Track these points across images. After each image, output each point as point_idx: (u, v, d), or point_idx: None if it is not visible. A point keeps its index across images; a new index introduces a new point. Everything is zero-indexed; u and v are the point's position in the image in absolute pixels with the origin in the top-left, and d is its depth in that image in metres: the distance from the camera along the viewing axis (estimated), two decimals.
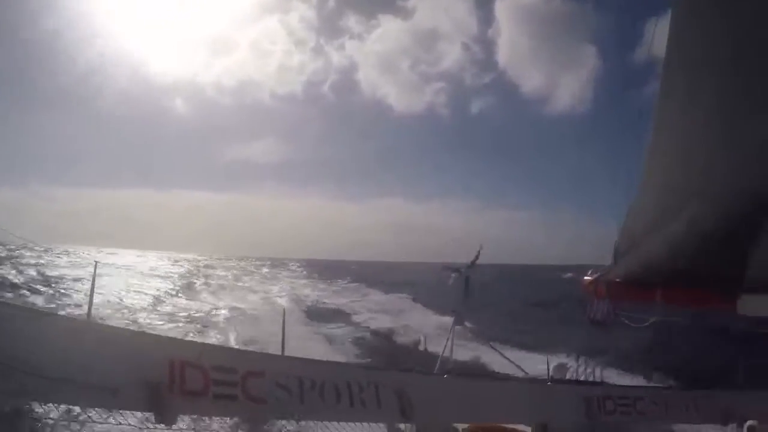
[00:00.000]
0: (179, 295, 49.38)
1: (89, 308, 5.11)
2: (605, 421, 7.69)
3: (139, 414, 4.95)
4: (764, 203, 5.16)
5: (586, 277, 7.41)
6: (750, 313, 6.24)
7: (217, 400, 5.12)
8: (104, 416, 5.27)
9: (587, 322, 7.80)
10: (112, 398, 4.58)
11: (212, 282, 66.06)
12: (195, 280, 68.18)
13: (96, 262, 6.25)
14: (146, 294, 45.63)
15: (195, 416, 5.55)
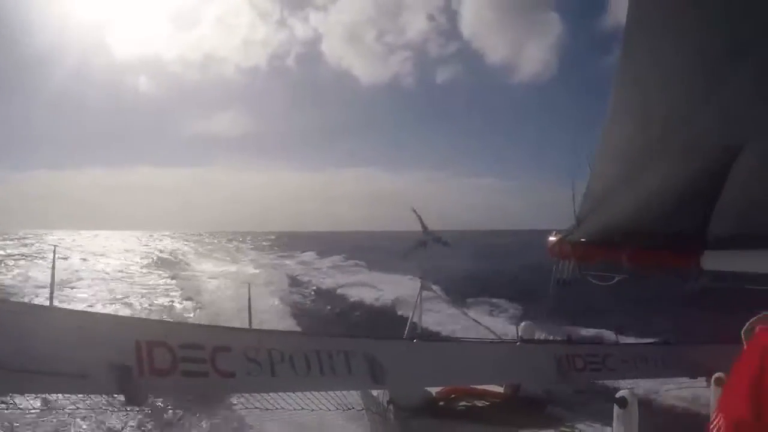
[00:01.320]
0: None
1: (51, 293, 5.04)
2: (576, 378, 7.80)
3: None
4: (724, 159, 5.19)
5: (550, 238, 7.45)
6: (713, 267, 6.33)
7: (186, 378, 5.10)
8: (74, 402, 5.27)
9: (553, 282, 7.87)
10: (81, 383, 4.53)
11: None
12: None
13: (55, 246, 6.15)
14: None
15: (166, 395, 5.54)
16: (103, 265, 66.30)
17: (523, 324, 9.52)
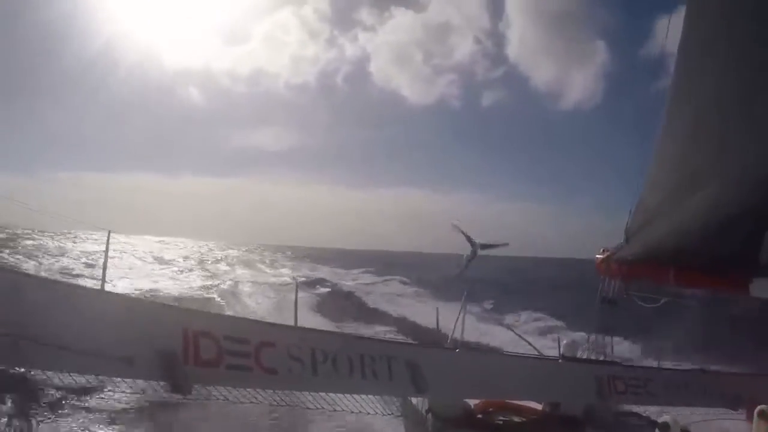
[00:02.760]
0: None
1: (103, 278, 5.17)
2: (616, 400, 7.71)
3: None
4: None
5: (597, 256, 7.41)
6: (763, 296, 6.24)
7: (230, 371, 5.15)
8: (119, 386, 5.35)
9: (598, 301, 7.82)
10: (128, 368, 4.61)
11: None
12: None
13: (109, 231, 6.32)
14: None
15: (209, 386, 5.59)
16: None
17: (565, 341, 9.41)
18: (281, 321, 6.54)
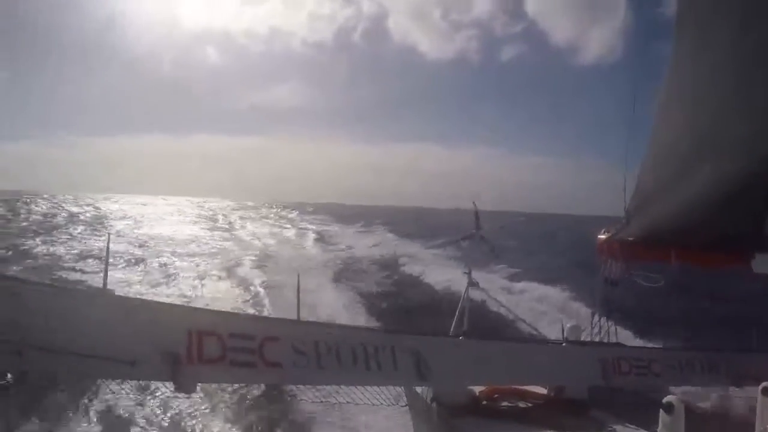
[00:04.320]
0: None
1: (104, 279, 5.15)
2: (620, 382, 7.72)
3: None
4: None
5: (599, 236, 7.39)
6: (765, 271, 6.22)
7: (234, 367, 5.15)
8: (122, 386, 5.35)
9: (601, 282, 7.81)
10: (130, 369, 4.59)
11: None
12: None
13: (108, 234, 6.26)
14: None
15: (214, 384, 5.59)
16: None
17: (569, 325, 9.40)
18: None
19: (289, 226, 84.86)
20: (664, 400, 6.89)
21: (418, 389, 8.75)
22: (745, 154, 5.24)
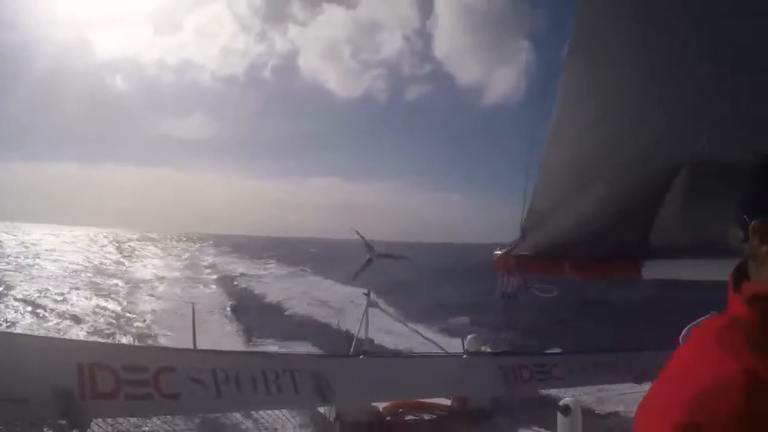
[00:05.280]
0: None
1: None
2: (523, 388, 7.87)
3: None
4: (663, 176, 5.30)
5: (495, 252, 7.51)
6: (654, 277, 6.47)
7: (130, 401, 4.99)
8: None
9: (498, 296, 7.92)
10: (22, 410, 4.39)
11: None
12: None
13: None
14: None
15: (109, 419, 5.42)
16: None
17: (469, 337, 9.55)
18: None
19: (186, 256, 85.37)
20: (561, 402, 7.06)
21: (321, 409, 8.71)
22: (634, 172, 5.41)
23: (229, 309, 42.83)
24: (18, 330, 31.17)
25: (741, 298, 1.44)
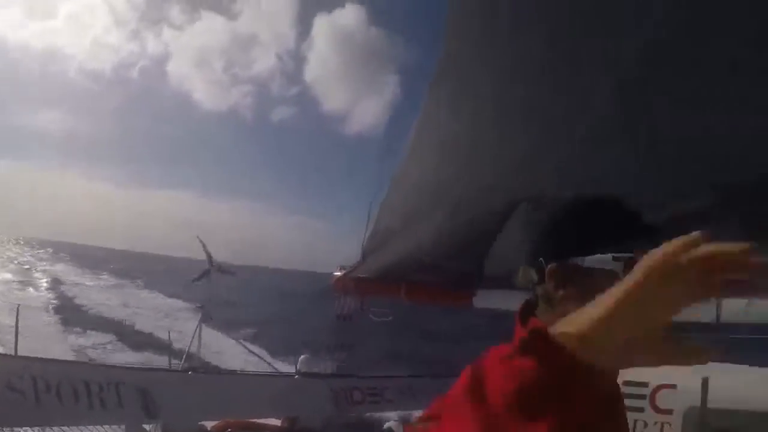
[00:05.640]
0: None
1: None
2: (354, 410, 7.92)
3: None
4: (503, 209, 5.51)
5: (334, 273, 7.55)
6: (484, 306, 6.71)
7: None
8: None
9: (335, 318, 7.96)
10: None
11: None
12: None
13: None
14: None
15: None
16: None
17: (301, 357, 9.51)
18: None
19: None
20: (385, 425, 7.16)
21: (147, 426, 8.36)
22: (473, 205, 5.59)
23: (51, 315, 40.68)
24: None
25: (525, 332, 1.45)
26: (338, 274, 7.48)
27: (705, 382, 4.37)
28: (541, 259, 1.75)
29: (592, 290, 1.36)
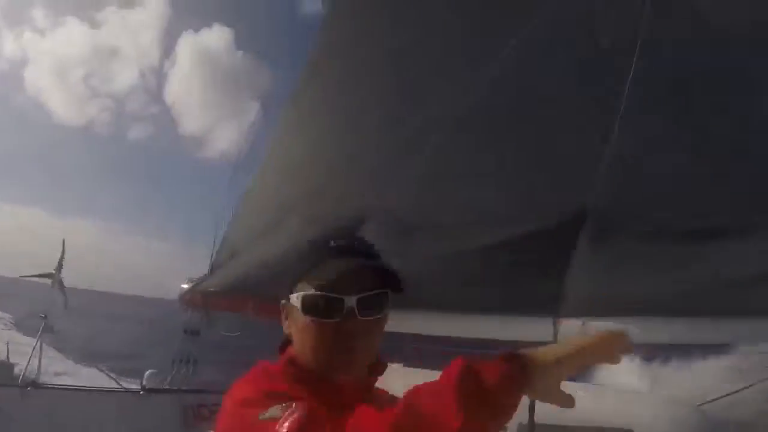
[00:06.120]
0: None
1: None
2: (202, 427, 7.77)
3: None
4: (352, 226, 5.62)
5: (182, 286, 7.41)
6: None
7: None
8: None
9: (183, 332, 7.82)
10: None
11: None
12: None
13: None
14: None
15: None
16: None
17: (148, 372, 9.15)
18: None
19: None
20: None
21: None
22: (324, 221, 5.67)
23: None
24: None
25: (282, 358, 1.86)
26: (185, 286, 7.36)
27: (532, 402, 4.65)
28: (282, 298, 1.94)
29: (294, 326, 1.81)
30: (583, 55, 4.07)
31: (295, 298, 1.79)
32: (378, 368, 1.90)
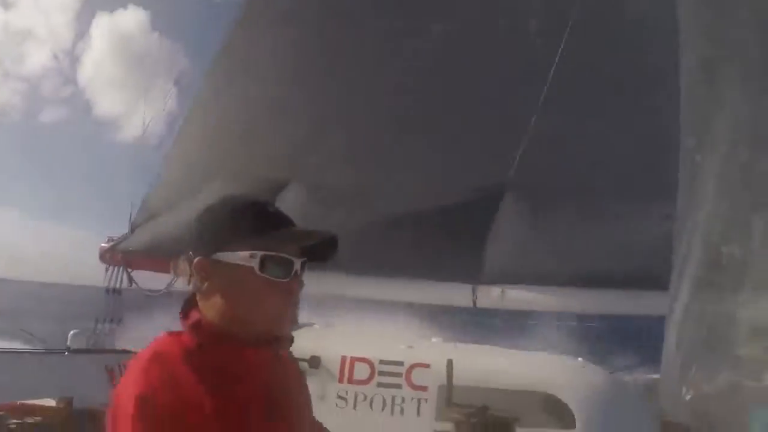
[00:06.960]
0: None
1: None
2: None
3: None
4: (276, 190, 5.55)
5: (102, 245, 7.28)
6: None
7: None
8: None
9: (105, 291, 7.67)
10: None
11: None
12: None
13: None
14: None
15: None
16: None
17: (72, 332, 8.95)
18: None
19: None
20: None
21: None
22: (242, 178, 5.61)
23: None
24: None
25: (186, 324, 1.70)
26: (105, 245, 7.23)
27: (450, 363, 4.72)
28: (191, 252, 1.78)
29: (231, 283, 1.66)
30: (511, 36, 4.11)
31: (247, 257, 1.68)
32: (288, 342, 1.84)
